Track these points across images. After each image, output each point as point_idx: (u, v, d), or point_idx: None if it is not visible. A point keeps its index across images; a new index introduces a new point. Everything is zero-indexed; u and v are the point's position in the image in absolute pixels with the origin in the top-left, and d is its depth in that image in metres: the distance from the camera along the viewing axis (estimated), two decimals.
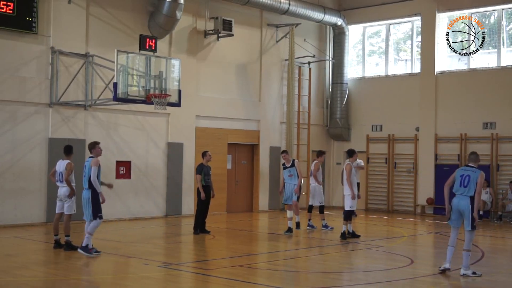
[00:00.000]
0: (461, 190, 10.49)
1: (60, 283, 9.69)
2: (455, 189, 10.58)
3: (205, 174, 15.16)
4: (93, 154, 12.06)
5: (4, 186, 15.72)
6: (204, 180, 15.14)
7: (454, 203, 10.61)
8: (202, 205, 15.26)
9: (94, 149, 12.13)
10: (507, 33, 20.99)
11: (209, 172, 15.28)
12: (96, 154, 12.08)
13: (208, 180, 15.24)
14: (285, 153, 15.92)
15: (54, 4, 16.58)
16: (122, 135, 17.98)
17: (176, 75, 15.93)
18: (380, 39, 24.17)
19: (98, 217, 11.78)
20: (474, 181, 10.38)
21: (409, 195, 22.30)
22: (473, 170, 10.53)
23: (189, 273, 10.76)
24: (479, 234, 17.07)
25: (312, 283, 10.01)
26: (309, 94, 23.20)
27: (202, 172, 15.12)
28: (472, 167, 10.62)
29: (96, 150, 12.13)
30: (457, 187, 10.53)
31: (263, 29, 21.82)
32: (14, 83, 15.90)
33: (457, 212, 10.57)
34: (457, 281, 10.02)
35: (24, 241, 13.71)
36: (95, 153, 12.09)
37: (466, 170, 10.58)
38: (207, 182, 15.23)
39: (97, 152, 12.12)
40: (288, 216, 15.55)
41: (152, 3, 18.38)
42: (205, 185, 15.17)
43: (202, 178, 15.09)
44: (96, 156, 12.01)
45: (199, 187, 15.11)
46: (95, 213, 11.74)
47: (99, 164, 11.90)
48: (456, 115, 21.22)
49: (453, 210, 10.61)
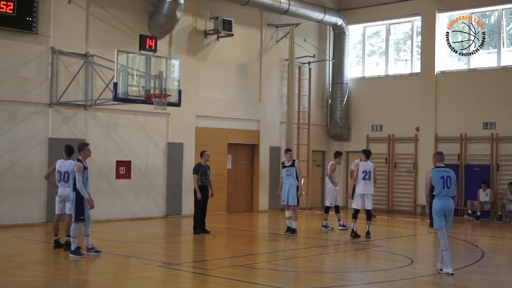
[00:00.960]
0: (445, 191, 10.50)
1: (60, 283, 9.70)
2: (437, 191, 10.51)
3: (202, 174, 15.15)
4: (81, 157, 11.62)
5: (4, 186, 15.73)
6: (201, 180, 15.13)
7: (440, 205, 10.52)
8: (200, 205, 15.26)
9: (83, 151, 11.68)
10: (507, 33, 21.00)
11: (206, 172, 15.27)
12: (84, 156, 11.67)
13: (205, 180, 15.22)
14: (290, 152, 15.73)
15: (54, 4, 16.58)
16: (122, 135, 17.98)
17: (176, 75, 15.93)
18: (380, 39, 24.18)
19: (80, 220, 11.47)
20: (454, 181, 10.54)
21: (409, 195, 22.30)
22: (448, 170, 10.64)
23: (189, 273, 10.77)
24: (479, 234, 17.09)
25: (312, 283, 10.01)
26: (309, 94, 23.20)
27: (199, 172, 15.13)
28: (445, 167, 10.73)
29: (84, 152, 11.69)
30: (441, 189, 10.50)
31: (263, 29, 21.82)
32: (14, 83, 15.90)
33: (443, 214, 10.57)
34: (457, 281, 10.02)
35: (24, 241, 13.71)
36: (83, 155, 11.66)
37: (444, 171, 10.58)
38: (204, 182, 15.21)
39: (85, 154, 11.70)
40: (287, 215, 15.51)
41: (152, 3, 18.38)
42: (201, 185, 15.17)
43: (198, 178, 15.09)
44: (84, 159, 11.60)
45: (195, 187, 15.12)
46: (77, 216, 11.48)
47: (84, 167, 11.45)
48: (456, 115, 21.22)
49: (440, 212, 10.53)
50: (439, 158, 10.81)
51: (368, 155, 15.33)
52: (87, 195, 11.50)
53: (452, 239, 15.75)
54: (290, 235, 15.02)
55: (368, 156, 15.26)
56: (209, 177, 15.36)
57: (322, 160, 24.35)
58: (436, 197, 10.55)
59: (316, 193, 23.91)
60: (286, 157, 15.50)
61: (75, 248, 11.56)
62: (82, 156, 11.68)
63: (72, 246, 11.59)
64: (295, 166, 15.24)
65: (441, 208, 10.51)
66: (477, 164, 20.64)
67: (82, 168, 11.42)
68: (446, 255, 10.43)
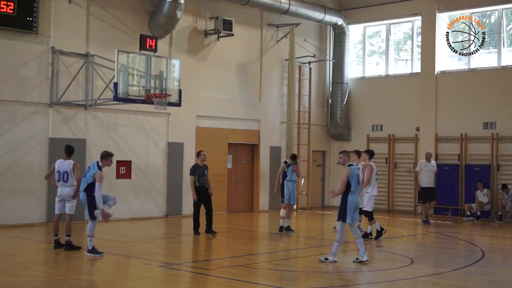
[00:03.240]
0: (358, 188, 11.62)
1: (60, 283, 9.70)
2: (353, 188, 11.35)
3: (199, 174, 15.08)
4: (102, 163, 11.77)
5: (4, 186, 15.74)
6: (199, 181, 15.07)
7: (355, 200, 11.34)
8: (198, 205, 15.21)
9: (106, 160, 11.81)
10: (507, 33, 20.99)
11: (204, 172, 15.19)
12: (106, 165, 11.83)
13: (203, 180, 15.15)
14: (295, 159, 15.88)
15: (55, 4, 16.58)
16: (123, 135, 17.99)
17: (177, 75, 15.93)
18: (380, 39, 24.17)
19: (95, 218, 11.68)
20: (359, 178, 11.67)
21: (409, 195, 22.29)
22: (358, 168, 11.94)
23: (189, 273, 10.77)
24: (479, 234, 17.09)
25: (312, 283, 10.02)
26: (309, 94, 23.20)
27: (196, 173, 15.07)
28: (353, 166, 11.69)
29: (107, 161, 11.83)
30: (356, 185, 11.39)
31: (264, 29, 21.83)
32: (14, 83, 15.91)
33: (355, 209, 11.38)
34: (457, 281, 10.03)
35: (24, 241, 13.71)
36: (104, 163, 11.81)
37: (356, 169, 11.57)
38: (202, 183, 15.15)
39: (107, 163, 11.84)
40: (282, 214, 15.50)
41: (153, 3, 18.39)
42: (200, 186, 15.11)
43: (196, 179, 15.04)
44: (103, 166, 11.75)
45: (192, 188, 15.09)
46: (91, 214, 11.64)
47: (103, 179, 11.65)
48: (456, 115, 21.22)
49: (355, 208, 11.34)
50: (349, 157, 11.65)
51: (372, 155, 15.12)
52: (102, 205, 11.50)
53: (452, 239, 15.78)
54: (291, 232, 15.08)
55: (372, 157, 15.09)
56: (207, 177, 15.31)
57: (322, 160, 24.35)
58: (350, 193, 11.33)
59: (316, 193, 23.91)
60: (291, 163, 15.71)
61: (92, 247, 11.64)
62: (102, 164, 11.77)
63: (89, 245, 11.68)
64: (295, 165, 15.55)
65: (356, 203, 11.37)
66: (477, 164, 20.64)
67: (103, 178, 11.54)
68: (337, 246, 11.35)
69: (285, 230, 15.37)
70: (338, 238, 11.35)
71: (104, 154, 11.89)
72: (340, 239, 11.36)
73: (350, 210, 11.26)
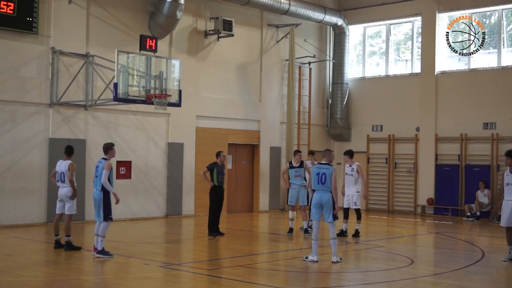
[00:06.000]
0: (320, 186, 11.57)
1: (60, 283, 9.71)
2: (314, 186, 11.65)
3: (218, 173, 14.97)
4: (107, 156, 11.92)
5: (4, 186, 15.73)
6: (217, 180, 15.00)
7: (317, 197, 11.53)
8: (215, 205, 15.10)
9: (111, 150, 11.99)
10: (507, 33, 21.00)
11: (223, 171, 15.16)
12: (111, 156, 11.99)
13: (221, 179, 15.08)
14: (299, 153, 15.64)
15: (55, 4, 16.59)
16: (123, 135, 17.99)
17: (177, 75, 15.93)
18: (381, 40, 24.18)
19: (109, 219, 11.73)
20: (329, 176, 11.51)
21: (409, 195, 22.29)
22: (327, 167, 11.65)
23: (189, 273, 10.77)
24: (479, 234, 17.09)
25: (312, 283, 10.02)
26: (309, 94, 23.20)
27: (215, 170, 14.96)
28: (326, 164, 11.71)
29: (112, 151, 12.00)
30: (315, 184, 11.60)
31: (264, 29, 21.83)
32: (14, 83, 15.91)
33: (320, 206, 11.50)
34: (457, 281, 10.03)
35: (25, 241, 13.71)
36: (110, 155, 11.98)
37: (321, 168, 11.62)
38: (220, 182, 15.06)
39: (112, 154, 12.01)
40: (290, 216, 15.47)
41: (153, 3, 18.39)
42: (218, 185, 15.05)
43: (215, 177, 14.94)
44: (109, 158, 11.90)
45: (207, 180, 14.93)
46: (106, 215, 11.68)
47: (111, 167, 11.81)
48: (456, 115, 21.22)
49: (317, 204, 11.53)
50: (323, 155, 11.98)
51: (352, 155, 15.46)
52: (112, 188, 11.71)
53: (452, 239, 15.79)
54: (307, 236, 14.82)
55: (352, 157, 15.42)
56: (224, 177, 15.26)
57: None
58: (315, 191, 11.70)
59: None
60: (296, 158, 15.44)
61: (102, 248, 11.65)
62: (108, 156, 11.93)
63: (99, 245, 11.67)
64: (303, 167, 15.28)
65: (315, 199, 11.57)
66: (477, 164, 20.64)
67: (111, 166, 11.72)
68: (314, 244, 11.49)
69: (304, 233, 15.20)
70: (314, 236, 11.68)
71: (106, 147, 12.06)
72: (315, 236, 11.62)
73: (313, 207, 11.68)
